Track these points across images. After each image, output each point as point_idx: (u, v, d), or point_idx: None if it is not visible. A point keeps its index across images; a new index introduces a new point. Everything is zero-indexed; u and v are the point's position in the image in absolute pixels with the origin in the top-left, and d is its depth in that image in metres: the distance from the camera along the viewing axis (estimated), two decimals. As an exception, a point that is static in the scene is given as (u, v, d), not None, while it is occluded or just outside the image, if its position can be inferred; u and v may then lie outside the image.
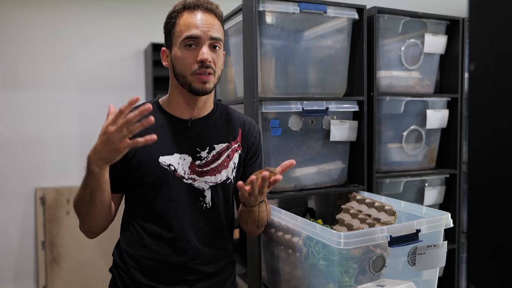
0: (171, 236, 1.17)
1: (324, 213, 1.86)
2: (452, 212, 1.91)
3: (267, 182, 1.07)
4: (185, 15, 1.15)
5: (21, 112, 3.33)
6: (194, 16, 1.14)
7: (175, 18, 1.17)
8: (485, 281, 0.48)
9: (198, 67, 1.13)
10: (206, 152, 1.21)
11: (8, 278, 3.31)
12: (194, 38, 1.13)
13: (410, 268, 1.23)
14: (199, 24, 1.13)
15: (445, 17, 1.91)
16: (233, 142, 1.27)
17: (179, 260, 1.18)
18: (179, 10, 1.16)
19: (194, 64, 1.14)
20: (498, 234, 0.47)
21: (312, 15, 1.61)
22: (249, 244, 1.59)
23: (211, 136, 1.23)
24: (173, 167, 1.17)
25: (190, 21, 1.14)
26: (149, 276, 1.18)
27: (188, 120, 1.21)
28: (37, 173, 3.37)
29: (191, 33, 1.13)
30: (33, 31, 3.34)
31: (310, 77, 1.67)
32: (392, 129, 1.86)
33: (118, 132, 0.94)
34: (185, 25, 1.14)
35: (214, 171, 1.21)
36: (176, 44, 1.15)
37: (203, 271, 1.21)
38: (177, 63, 1.16)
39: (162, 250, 1.17)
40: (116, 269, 1.24)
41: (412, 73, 1.88)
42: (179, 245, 1.18)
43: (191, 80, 1.15)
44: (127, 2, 3.61)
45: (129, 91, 3.61)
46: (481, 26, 0.47)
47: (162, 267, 1.18)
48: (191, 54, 1.14)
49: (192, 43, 1.13)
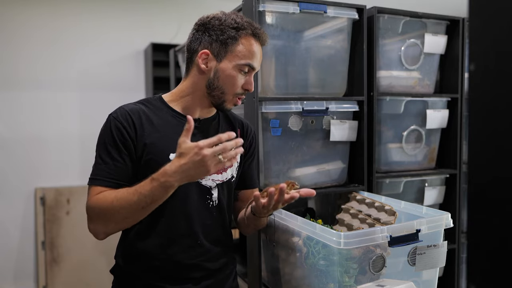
0: (179, 233, 1.17)
1: (324, 213, 1.86)
2: (452, 212, 1.91)
3: (283, 196, 1.09)
4: (252, 41, 1.19)
5: (21, 112, 3.33)
6: (258, 47, 1.20)
7: (240, 35, 1.17)
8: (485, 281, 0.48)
9: (241, 92, 1.21)
10: None
11: (8, 278, 3.31)
12: (251, 68, 1.20)
13: (410, 268, 1.23)
14: (259, 57, 1.21)
15: (445, 17, 1.91)
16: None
17: (185, 257, 1.19)
18: (247, 32, 1.18)
19: (239, 88, 1.20)
20: (498, 234, 0.47)
21: (312, 15, 1.61)
22: (249, 244, 1.59)
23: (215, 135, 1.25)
24: None
25: (255, 51, 1.19)
26: (155, 275, 1.18)
27: (197, 119, 1.23)
28: (37, 173, 3.37)
29: (253, 64, 1.19)
30: (33, 31, 3.34)
31: (310, 77, 1.67)
32: (392, 129, 1.86)
33: (213, 157, 0.99)
34: (250, 52, 1.18)
35: (221, 170, 1.23)
36: (231, 62, 1.17)
37: (208, 268, 1.23)
38: (224, 78, 1.18)
39: (169, 248, 1.17)
40: (119, 270, 1.24)
41: (412, 73, 1.88)
42: (186, 243, 1.18)
43: (228, 100, 1.21)
44: (127, 2, 3.61)
45: (129, 91, 3.61)
46: (481, 26, 0.47)
47: (168, 265, 1.18)
48: (241, 78, 1.19)
49: (247, 70, 1.19)
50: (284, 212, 1.35)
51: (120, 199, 1.06)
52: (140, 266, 1.19)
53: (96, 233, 1.13)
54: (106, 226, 1.11)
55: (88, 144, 3.49)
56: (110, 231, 1.12)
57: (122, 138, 1.13)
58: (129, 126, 1.13)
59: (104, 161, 1.12)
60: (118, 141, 1.12)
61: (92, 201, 1.10)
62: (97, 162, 1.14)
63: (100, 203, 1.08)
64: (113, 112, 1.17)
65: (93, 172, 1.14)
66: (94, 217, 1.10)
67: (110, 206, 1.07)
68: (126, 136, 1.13)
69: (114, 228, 1.11)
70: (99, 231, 1.12)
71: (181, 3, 3.71)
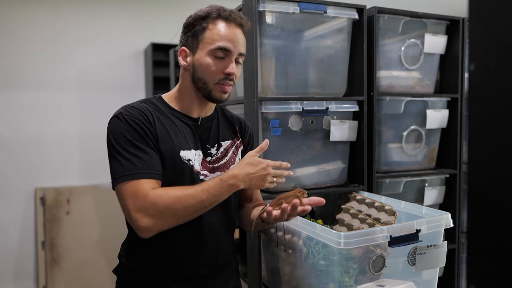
0: (185, 231, 1.17)
1: (324, 213, 1.86)
2: (452, 212, 1.91)
3: (296, 210, 1.11)
4: (220, 24, 1.15)
5: (21, 112, 3.33)
6: (229, 29, 1.16)
7: (207, 23, 1.15)
8: (485, 281, 0.48)
9: (223, 78, 1.17)
10: (215, 149, 1.25)
11: (8, 278, 3.31)
12: (225, 50, 1.15)
13: (410, 268, 1.23)
14: (233, 38, 1.16)
15: (445, 17, 1.91)
16: (235, 139, 1.32)
17: (191, 255, 1.19)
18: (213, 17, 1.15)
19: (219, 74, 1.17)
20: (498, 234, 0.47)
21: (312, 15, 1.61)
22: (249, 244, 1.59)
23: (217, 133, 1.27)
24: (192, 163, 1.17)
25: (225, 32, 1.15)
26: (161, 273, 1.18)
27: (198, 118, 1.23)
28: (37, 173, 3.37)
29: (224, 45, 1.15)
30: (33, 31, 3.34)
31: (310, 77, 1.67)
32: (392, 129, 1.86)
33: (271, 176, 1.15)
34: (219, 35, 1.14)
35: (224, 167, 1.24)
36: (204, 50, 1.16)
37: (214, 265, 1.23)
38: (200, 68, 1.17)
39: (176, 246, 1.17)
40: (124, 269, 1.23)
41: (412, 73, 1.88)
42: (192, 240, 1.18)
43: (213, 88, 1.18)
44: (127, 2, 3.61)
45: (129, 91, 3.61)
46: (481, 26, 0.47)
47: (175, 263, 1.18)
48: (218, 63, 1.16)
49: (222, 54, 1.16)
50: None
51: (188, 196, 1.07)
52: (148, 265, 1.18)
53: (150, 230, 1.08)
54: (166, 222, 1.08)
55: (88, 144, 3.50)
56: (165, 228, 1.10)
57: (143, 132, 1.10)
58: (146, 122, 1.12)
59: (136, 155, 1.08)
60: (142, 134, 1.10)
61: (153, 197, 1.05)
62: (126, 158, 1.08)
63: (165, 198, 1.06)
64: (123, 111, 1.13)
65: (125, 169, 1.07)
66: (156, 213, 1.06)
67: (177, 202, 1.06)
68: (146, 130, 1.11)
69: (173, 224, 1.10)
70: (155, 228, 1.08)
71: (181, 3, 3.71)
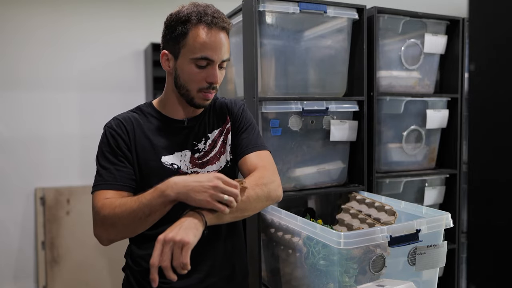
0: None
1: (324, 213, 1.85)
2: (452, 212, 1.91)
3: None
4: (201, 31, 1.11)
5: (21, 112, 3.33)
6: (211, 36, 1.11)
7: (188, 28, 1.12)
8: (485, 281, 0.48)
9: (206, 86, 1.15)
10: (202, 144, 1.24)
11: (8, 278, 3.31)
12: (208, 60, 1.13)
13: (410, 268, 1.23)
14: (215, 47, 1.12)
15: (445, 17, 1.91)
16: (224, 125, 1.29)
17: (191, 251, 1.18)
18: (194, 22, 1.11)
19: (202, 82, 1.15)
20: (498, 234, 0.47)
21: (312, 15, 1.61)
22: (249, 244, 1.59)
23: (204, 127, 1.27)
24: (176, 165, 1.19)
25: (207, 41, 1.11)
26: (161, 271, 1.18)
27: (184, 120, 1.24)
28: (37, 173, 3.37)
29: (206, 55, 1.12)
30: (33, 31, 3.34)
31: (310, 77, 1.67)
32: (392, 129, 1.86)
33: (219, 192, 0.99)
34: (201, 43, 1.11)
35: (214, 160, 1.24)
36: (186, 58, 1.13)
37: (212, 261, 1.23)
38: (183, 75, 1.16)
39: None
40: (129, 268, 1.26)
41: (412, 73, 1.88)
42: None
43: (195, 95, 1.17)
44: (127, 2, 3.61)
45: (129, 91, 3.61)
46: (481, 26, 0.47)
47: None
48: (201, 72, 1.14)
49: (204, 63, 1.13)
50: (284, 212, 1.35)
51: (122, 205, 1.05)
52: (146, 265, 1.18)
53: (100, 239, 1.12)
54: (109, 233, 1.10)
55: (88, 144, 3.50)
56: (113, 238, 1.11)
57: (117, 144, 1.15)
58: (123, 133, 1.16)
59: (104, 167, 1.14)
60: (114, 147, 1.15)
61: (98, 206, 1.09)
62: (98, 170, 1.15)
63: (105, 208, 1.07)
64: (108, 123, 1.20)
65: (95, 180, 1.15)
66: (99, 222, 1.09)
67: (112, 213, 1.06)
68: (121, 142, 1.15)
69: (116, 235, 1.10)
70: (103, 238, 1.11)
71: (181, 3, 3.71)
